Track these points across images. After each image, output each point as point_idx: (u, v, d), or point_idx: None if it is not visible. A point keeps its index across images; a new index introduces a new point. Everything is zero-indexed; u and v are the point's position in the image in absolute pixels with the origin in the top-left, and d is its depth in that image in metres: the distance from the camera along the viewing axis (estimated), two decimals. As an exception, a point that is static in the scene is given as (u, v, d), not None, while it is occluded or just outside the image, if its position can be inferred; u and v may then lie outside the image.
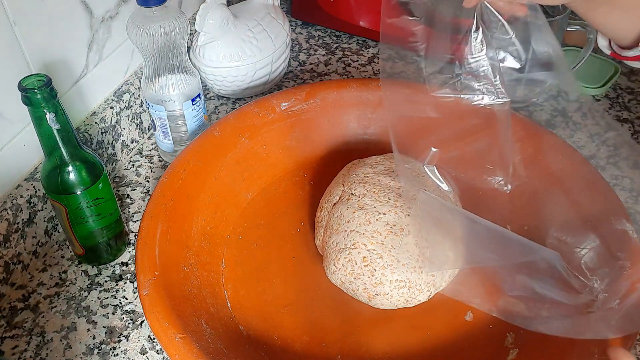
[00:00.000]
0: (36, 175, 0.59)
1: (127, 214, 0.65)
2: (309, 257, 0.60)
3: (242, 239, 0.62)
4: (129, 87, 0.71)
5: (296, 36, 0.93)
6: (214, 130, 0.63)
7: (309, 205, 0.65)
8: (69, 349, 0.53)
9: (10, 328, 0.55)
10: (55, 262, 0.60)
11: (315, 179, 0.68)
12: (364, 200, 0.56)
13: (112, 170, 0.70)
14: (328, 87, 0.69)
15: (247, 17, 0.77)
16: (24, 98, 0.47)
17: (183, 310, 0.49)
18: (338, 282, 0.55)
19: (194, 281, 0.53)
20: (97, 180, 0.54)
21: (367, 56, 0.89)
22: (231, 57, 0.74)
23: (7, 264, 0.56)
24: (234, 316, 0.55)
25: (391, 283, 0.52)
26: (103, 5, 0.65)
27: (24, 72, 0.55)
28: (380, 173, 0.59)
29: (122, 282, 0.59)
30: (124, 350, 0.53)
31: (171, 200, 0.56)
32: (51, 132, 0.49)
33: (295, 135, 0.68)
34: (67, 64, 0.62)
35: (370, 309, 0.55)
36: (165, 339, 0.46)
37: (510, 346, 0.52)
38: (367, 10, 0.87)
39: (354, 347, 0.53)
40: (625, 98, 0.80)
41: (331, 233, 0.56)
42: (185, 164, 0.60)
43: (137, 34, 0.60)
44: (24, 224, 0.57)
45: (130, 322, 0.55)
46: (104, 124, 0.67)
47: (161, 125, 0.67)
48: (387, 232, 0.53)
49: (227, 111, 0.79)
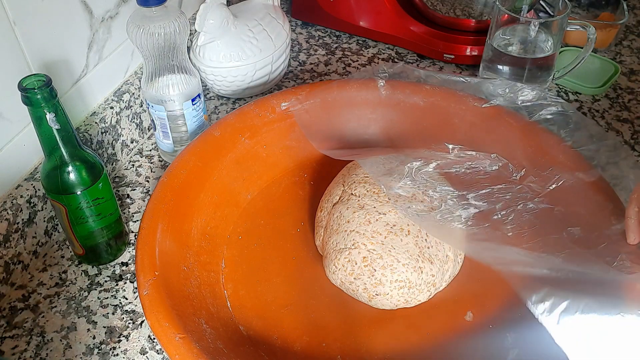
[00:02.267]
0: (36, 175, 0.59)
1: (127, 214, 0.65)
2: (309, 257, 0.60)
3: (242, 239, 0.62)
4: (129, 87, 0.71)
5: (296, 36, 0.93)
6: (214, 130, 0.63)
7: (309, 205, 0.65)
8: (69, 349, 0.53)
9: (10, 328, 0.55)
10: (55, 262, 0.60)
11: (315, 179, 0.68)
12: (364, 200, 0.56)
13: (112, 170, 0.70)
14: (328, 87, 0.69)
15: (247, 17, 0.77)
16: (24, 98, 0.47)
17: (183, 310, 0.49)
18: (338, 282, 0.55)
19: (194, 281, 0.53)
20: (97, 180, 0.54)
21: (367, 56, 0.89)
22: (231, 57, 0.74)
23: (7, 264, 0.56)
24: (234, 316, 0.55)
25: (391, 283, 0.52)
26: (103, 5, 0.65)
27: (24, 72, 0.55)
28: (380, 173, 0.58)
29: (122, 282, 0.59)
30: (124, 350, 0.53)
31: (171, 200, 0.56)
32: (51, 132, 0.49)
33: (295, 135, 0.68)
34: (67, 64, 0.62)
35: (370, 309, 0.55)
36: (165, 339, 0.46)
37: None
38: (367, 10, 0.88)
39: (354, 347, 0.53)
40: (625, 98, 0.80)
41: (331, 233, 0.56)
42: (185, 164, 0.60)
43: (137, 34, 0.60)
44: (24, 224, 0.57)
45: (130, 322, 0.55)
46: (104, 124, 0.67)
47: (161, 125, 0.67)
48: (387, 232, 0.53)
49: (227, 111, 0.79)
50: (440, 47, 0.84)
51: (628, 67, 0.85)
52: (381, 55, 0.89)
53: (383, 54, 0.89)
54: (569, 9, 0.71)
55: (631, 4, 0.99)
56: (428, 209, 0.55)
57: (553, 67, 0.76)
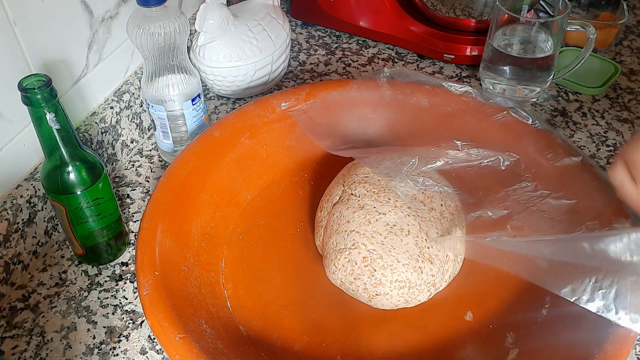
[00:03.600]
0: (36, 175, 0.59)
1: (127, 214, 0.65)
2: (309, 257, 0.60)
3: (242, 239, 0.62)
4: (129, 87, 0.71)
5: (296, 36, 0.93)
6: (214, 130, 0.63)
7: (309, 205, 0.65)
8: (69, 349, 0.53)
9: (10, 328, 0.55)
10: (55, 262, 0.60)
11: (315, 179, 0.68)
12: (364, 200, 0.56)
13: (112, 170, 0.70)
14: (328, 87, 0.69)
15: (247, 17, 0.77)
16: (24, 98, 0.47)
17: (183, 310, 0.49)
18: (338, 282, 0.55)
19: (194, 281, 0.53)
20: (97, 180, 0.54)
21: (367, 56, 0.89)
22: (231, 57, 0.74)
23: (7, 264, 0.56)
24: (234, 316, 0.55)
25: (391, 283, 0.52)
26: (103, 5, 0.65)
27: (24, 72, 0.55)
28: (383, 173, 0.58)
29: (122, 282, 0.59)
30: (124, 350, 0.53)
31: (171, 200, 0.56)
32: (51, 132, 0.49)
33: (295, 135, 0.68)
34: (67, 64, 0.62)
35: (370, 309, 0.55)
36: (165, 339, 0.46)
37: (510, 346, 0.52)
38: (367, 10, 0.88)
39: (354, 347, 0.53)
40: (625, 98, 0.80)
41: (331, 233, 0.56)
42: (185, 164, 0.60)
43: (137, 34, 0.60)
44: (24, 224, 0.57)
45: (130, 322, 0.55)
46: (104, 124, 0.67)
47: (161, 125, 0.67)
48: (387, 232, 0.53)
49: (227, 111, 0.79)
50: (440, 47, 0.84)
51: (628, 67, 0.85)
52: (381, 55, 0.89)
53: (383, 54, 0.89)
54: (569, 9, 0.71)
55: (631, 4, 0.99)
56: (428, 209, 0.55)
57: (553, 67, 0.76)
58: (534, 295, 0.55)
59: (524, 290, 0.56)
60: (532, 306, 0.55)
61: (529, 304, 0.55)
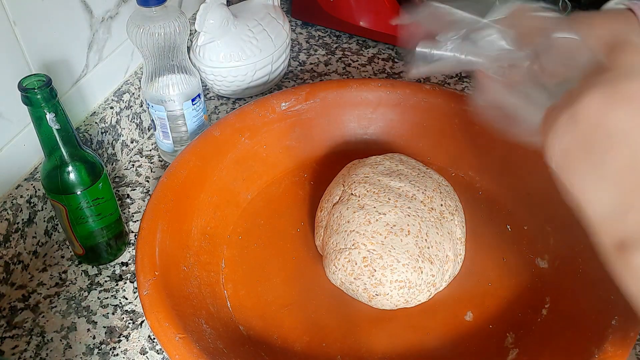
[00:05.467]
0: (36, 175, 0.59)
1: (127, 214, 0.65)
2: (309, 257, 0.60)
3: (242, 239, 0.62)
4: (129, 87, 0.71)
5: (296, 36, 0.93)
6: (214, 130, 0.63)
7: (309, 205, 0.65)
8: (69, 349, 0.53)
9: (10, 328, 0.55)
10: (55, 262, 0.60)
11: (315, 179, 0.68)
12: (364, 201, 0.56)
13: (112, 170, 0.70)
14: (328, 87, 0.69)
15: (247, 17, 0.77)
16: (24, 98, 0.47)
17: (183, 310, 0.49)
18: (338, 282, 0.55)
19: (194, 281, 0.53)
20: (97, 180, 0.54)
21: (367, 56, 0.89)
22: (231, 57, 0.74)
23: (7, 264, 0.56)
24: (234, 316, 0.55)
25: (391, 283, 0.52)
26: (103, 5, 0.65)
27: (24, 72, 0.55)
28: (380, 173, 0.59)
29: (122, 282, 0.59)
30: (124, 350, 0.53)
31: (171, 200, 0.56)
32: (51, 132, 0.49)
33: (295, 135, 0.68)
34: (67, 64, 0.62)
35: (370, 309, 0.55)
36: (165, 339, 0.46)
37: (510, 346, 0.52)
38: (367, 10, 0.88)
39: (354, 347, 0.53)
40: (625, 98, 0.80)
41: (331, 233, 0.56)
42: (185, 164, 0.60)
43: (137, 34, 0.60)
44: (24, 224, 0.57)
45: (130, 322, 0.55)
46: (104, 124, 0.67)
47: (161, 125, 0.67)
48: (387, 232, 0.53)
49: (227, 111, 0.79)
50: (440, 47, 0.84)
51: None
52: (381, 55, 0.89)
53: (383, 54, 0.89)
54: (569, 9, 0.71)
55: (631, 4, 0.99)
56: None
57: (553, 67, 0.76)
58: (534, 295, 0.55)
59: (524, 290, 0.56)
60: (532, 306, 0.55)
61: (529, 304, 0.55)
